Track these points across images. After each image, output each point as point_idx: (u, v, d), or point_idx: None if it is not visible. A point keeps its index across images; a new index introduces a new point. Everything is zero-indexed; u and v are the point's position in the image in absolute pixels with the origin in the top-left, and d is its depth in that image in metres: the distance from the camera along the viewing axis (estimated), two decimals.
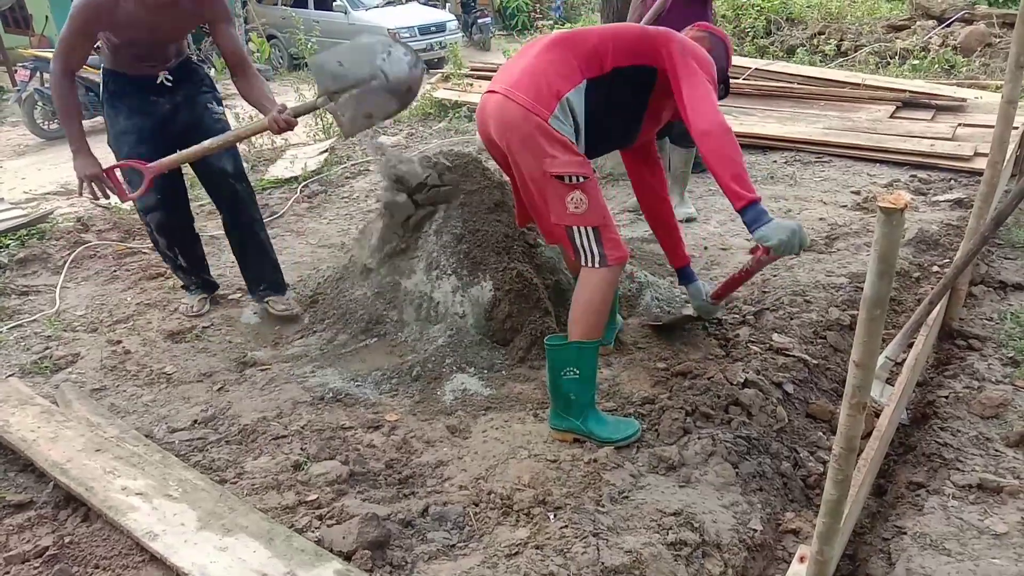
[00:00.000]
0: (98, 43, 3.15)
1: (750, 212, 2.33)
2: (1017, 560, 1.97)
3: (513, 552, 2.03)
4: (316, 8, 13.95)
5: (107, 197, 3.17)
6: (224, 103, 3.53)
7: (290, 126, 3.00)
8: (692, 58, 2.44)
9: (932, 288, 3.36)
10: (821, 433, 2.76)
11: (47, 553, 2.09)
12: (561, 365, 2.48)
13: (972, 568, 1.96)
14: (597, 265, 2.44)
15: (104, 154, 3.19)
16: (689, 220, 4.56)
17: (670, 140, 4.65)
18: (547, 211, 2.44)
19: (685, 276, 3.06)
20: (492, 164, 3.47)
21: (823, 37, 10.18)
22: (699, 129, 2.33)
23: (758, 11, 10.87)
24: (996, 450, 2.46)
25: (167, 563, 1.98)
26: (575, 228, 2.42)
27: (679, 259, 3.04)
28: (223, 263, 4.25)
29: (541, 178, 2.40)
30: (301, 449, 2.52)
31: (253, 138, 6.66)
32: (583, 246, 2.43)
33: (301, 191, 5.60)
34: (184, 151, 3.06)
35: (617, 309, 3.19)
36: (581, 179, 2.38)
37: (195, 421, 2.74)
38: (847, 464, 1.48)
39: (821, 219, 4.56)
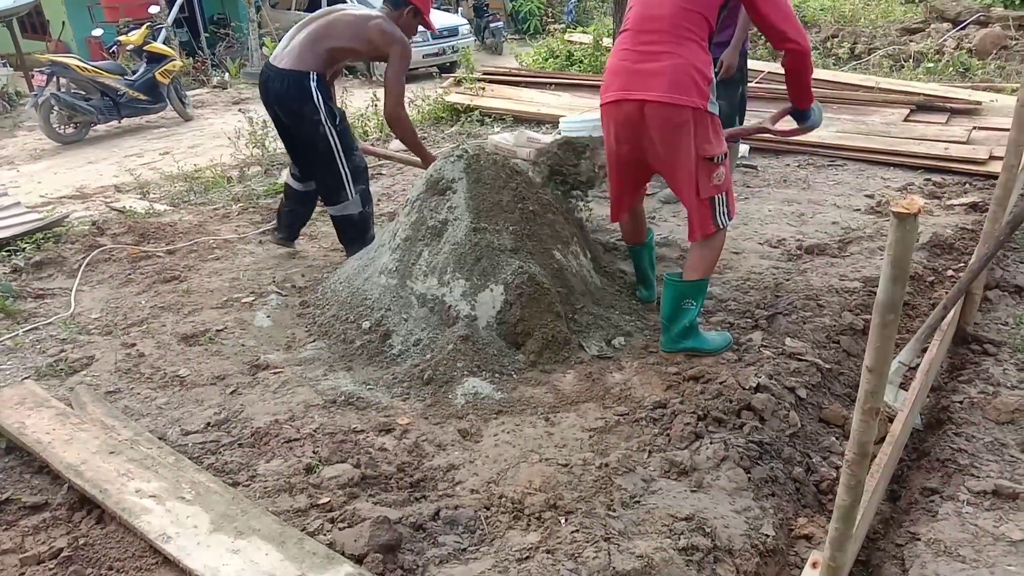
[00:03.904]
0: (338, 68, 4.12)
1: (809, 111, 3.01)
2: None
3: (524, 556, 2.04)
4: None
5: None
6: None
7: None
8: None
9: (946, 292, 3.35)
10: (834, 438, 2.75)
11: (62, 554, 2.11)
12: (684, 297, 2.98)
13: (987, 575, 1.94)
14: (727, 223, 2.94)
15: (111, 156, 3.22)
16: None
17: None
18: (696, 189, 2.82)
19: None
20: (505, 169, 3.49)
21: (837, 40, 10.15)
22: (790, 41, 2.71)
23: None
24: (1012, 456, 2.44)
25: (180, 565, 2.00)
26: (716, 198, 2.87)
27: None
28: (236, 267, 4.29)
29: (696, 160, 2.77)
30: (313, 452, 2.53)
31: (267, 143, 6.71)
32: (719, 210, 2.89)
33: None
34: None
35: (654, 275, 3.58)
36: (724, 157, 2.82)
37: (208, 424, 2.76)
38: (860, 469, 1.48)
39: (834, 223, 4.54)
